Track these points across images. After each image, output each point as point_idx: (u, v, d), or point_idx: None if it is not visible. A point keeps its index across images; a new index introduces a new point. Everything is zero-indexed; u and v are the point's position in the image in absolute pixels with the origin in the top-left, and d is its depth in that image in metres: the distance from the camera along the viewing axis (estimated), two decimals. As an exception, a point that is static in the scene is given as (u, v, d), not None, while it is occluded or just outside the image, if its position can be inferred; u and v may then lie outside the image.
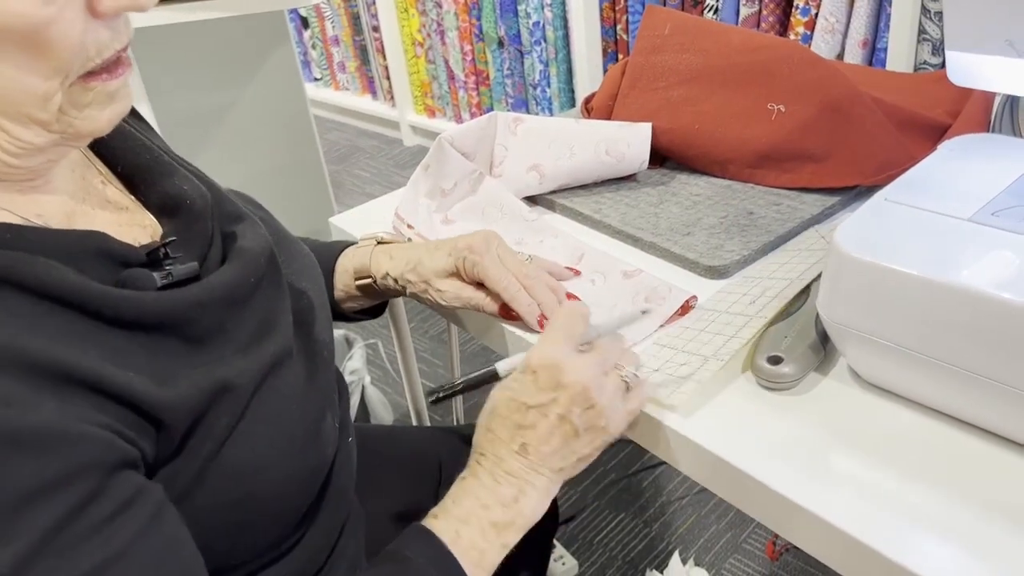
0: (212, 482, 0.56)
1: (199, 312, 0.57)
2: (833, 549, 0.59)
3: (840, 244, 0.62)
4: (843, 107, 0.93)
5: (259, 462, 0.58)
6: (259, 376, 0.59)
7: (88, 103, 0.52)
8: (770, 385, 0.68)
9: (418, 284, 0.82)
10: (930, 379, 0.61)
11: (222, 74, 1.87)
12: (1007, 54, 0.70)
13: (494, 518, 0.64)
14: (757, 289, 0.79)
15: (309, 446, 0.63)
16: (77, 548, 0.46)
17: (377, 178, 3.02)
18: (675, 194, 0.98)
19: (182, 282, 0.58)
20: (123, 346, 0.53)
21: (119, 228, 0.61)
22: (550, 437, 0.65)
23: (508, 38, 2.64)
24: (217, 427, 0.56)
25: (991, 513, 0.56)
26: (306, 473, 0.63)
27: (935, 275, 0.57)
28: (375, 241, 0.88)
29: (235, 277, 0.62)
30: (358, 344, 1.75)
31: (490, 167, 1.01)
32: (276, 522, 0.63)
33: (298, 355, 0.65)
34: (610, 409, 0.66)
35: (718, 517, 1.54)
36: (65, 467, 0.46)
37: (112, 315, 0.53)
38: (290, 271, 0.72)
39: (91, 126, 0.54)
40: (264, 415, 0.59)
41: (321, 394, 0.66)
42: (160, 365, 0.54)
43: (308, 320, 0.69)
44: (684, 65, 1.02)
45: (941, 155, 0.72)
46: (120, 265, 0.56)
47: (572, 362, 0.65)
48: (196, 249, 0.62)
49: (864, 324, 0.63)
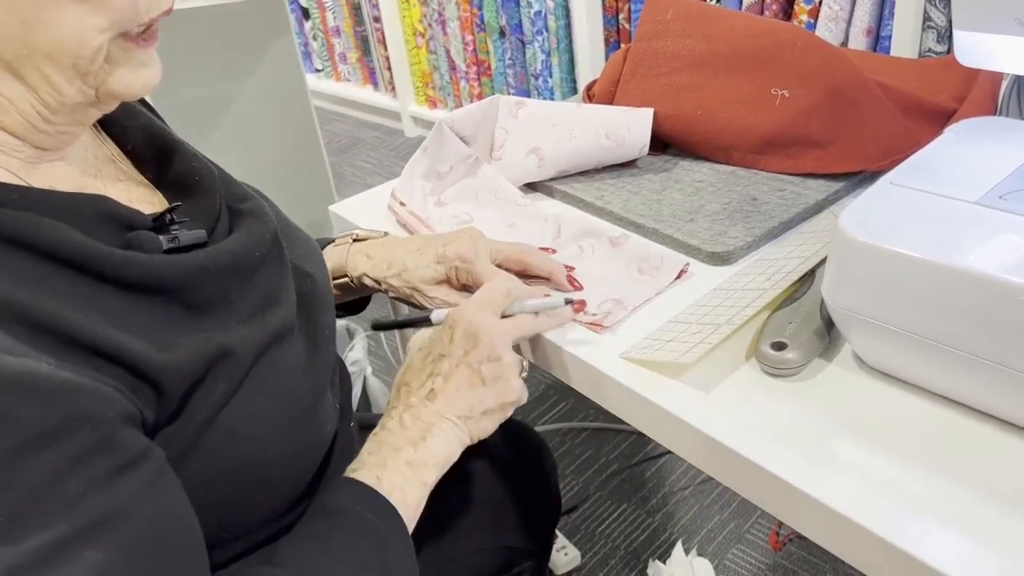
0: (208, 449, 0.56)
1: (203, 277, 0.58)
2: (836, 536, 0.58)
3: (845, 228, 0.62)
4: (848, 92, 0.92)
5: (256, 431, 0.59)
6: (260, 346, 0.60)
7: (123, 62, 0.54)
8: (774, 371, 0.68)
9: (403, 290, 0.83)
10: (936, 364, 0.61)
11: (222, 65, 1.87)
12: (1016, 33, 0.69)
13: (408, 458, 0.66)
14: (772, 268, 0.79)
15: (307, 421, 0.63)
16: (82, 499, 0.46)
17: (378, 169, 3.01)
18: (678, 181, 0.97)
19: (188, 248, 0.59)
20: (125, 308, 0.53)
21: (129, 202, 0.61)
22: (458, 384, 0.69)
23: (510, 28, 2.63)
24: (215, 393, 0.56)
25: (996, 499, 0.55)
26: (302, 448, 0.63)
27: (941, 259, 0.57)
28: (351, 239, 0.88)
29: (241, 248, 0.62)
30: (359, 335, 1.74)
31: (490, 150, 1.00)
32: (270, 495, 0.63)
33: (300, 333, 0.65)
34: (513, 368, 0.70)
35: (721, 507, 1.53)
36: (69, 415, 0.46)
37: (115, 276, 0.53)
38: (295, 255, 0.72)
39: (122, 88, 0.55)
40: (263, 386, 0.59)
41: (321, 373, 0.67)
42: (161, 329, 0.54)
43: (311, 302, 0.70)
44: (686, 51, 1.01)
45: (947, 139, 0.71)
46: (126, 229, 0.57)
47: (489, 321, 0.70)
48: (204, 221, 0.63)
49: (869, 309, 0.62)
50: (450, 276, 0.81)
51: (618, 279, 0.82)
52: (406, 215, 0.97)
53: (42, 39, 0.50)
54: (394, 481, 0.65)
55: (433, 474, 0.67)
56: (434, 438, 0.67)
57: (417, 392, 0.69)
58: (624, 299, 0.78)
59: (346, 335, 1.75)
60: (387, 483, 0.64)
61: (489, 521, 0.95)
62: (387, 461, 0.66)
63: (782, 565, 1.41)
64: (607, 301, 0.78)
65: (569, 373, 0.77)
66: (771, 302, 0.73)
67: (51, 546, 0.44)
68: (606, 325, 0.76)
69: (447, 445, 0.68)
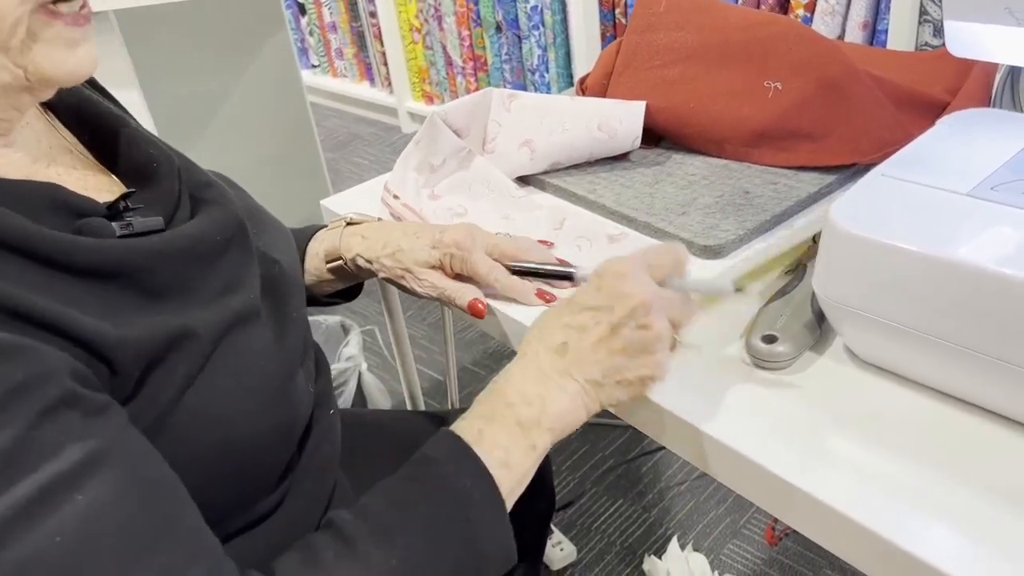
0: (174, 430, 0.55)
1: (159, 262, 0.57)
2: (829, 530, 0.58)
3: (835, 220, 0.61)
4: (840, 84, 0.91)
5: (223, 412, 0.58)
6: (222, 328, 0.59)
7: (50, 40, 0.53)
8: (765, 364, 0.67)
9: (394, 270, 0.82)
10: (928, 357, 0.60)
11: (216, 60, 1.86)
12: (1006, 23, 0.68)
13: (519, 416, 0.60)
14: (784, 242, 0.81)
15: (277, 402, 0.62)
16: (61, 446, 0.45)
17: (375, 165, 3.00)
18: (670, 174, 0.96)
19: (144, 234, 0.58)
20: (76, 294, 0.52)
21: (85, 191, 0.60)
22: (596, 344, 0.62)
23: (506, 23, 2.62)
24: (176, 374, 0.55)
25: (990, 493, 0.55)
26: (273, 429, 0.62)
27: (933, 250, 0.56)
28: (344, 222, 0.87)
29: (200, 233, 0.61)
30: (354, 331, 1.74)
31: (483, 143, 1.00)
32: (242, 479, 0.62)
33: (267, 318, 0.64)
34: (663, 340, 0.62)
35: (717, 502, 1.53)
36: (32, 372, 0.46)
37: (65, 261, 0.52)
38: (262, 242, 0.71)
39: (54, 68, 0.54)
40: (227, 367, 0.58)
41: (290, 355, 0.65)
42: (115, 311, 0.53)
43: (279, 287, 0.69)
44: (679, 43, 1.01)
45: (939, 130, 0.71)
46: (77, 216, 0.56)
47: (641, 278, 0.63)
48: (161, 208, 0.62)
49: (860, 302, 0.61)
50: (444, 262, 0.79)
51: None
52: (399, 208, 0.96)
53: None
54: (497, 439, 0.60)
55: (547, 439, 0.61)
56: (555, 399, 0.61)
57: (548, 340, 0.62)
58: None
59: (341, 331, 1.75)
60: (489, 440, 0.60)
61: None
62: (495, 415, 0.61)
63: (778, 560, 1.41)
64: None
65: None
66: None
67: (39, 493, 0.44)
68: None
69: (568, 410, 0.62)
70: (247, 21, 1.89)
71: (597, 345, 0.62)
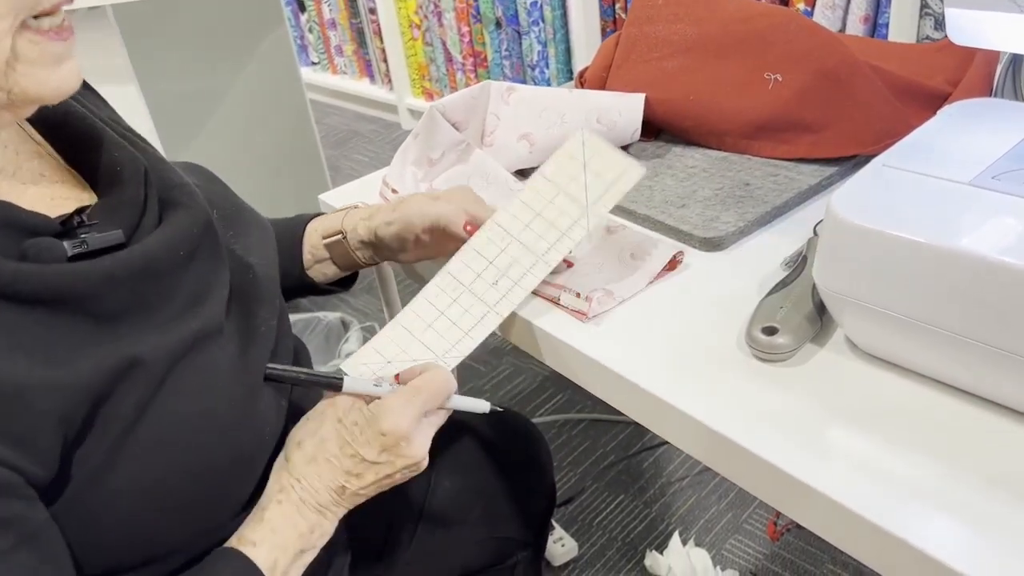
0: (127, 463, 0.54)
1: (110, 286, 0.55)
2: (831, 523, 0.57)
3: (837, 210, 0.61)
4: (841, 76, 0.91)
5: (178, 440, 0.56)
6: (178, 352, 0.57)
7: (34, 59, 0.51)
8: (765, 357, 0.67)
9: (391, 213, 0.81)
10: (930, 348, 0.60)
11: (214, 58, 1.85)
12: (1008, 10, 0.68)
13: (303, 545, 0.65)
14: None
15: (239, 426, 0.61)
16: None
17: (375, 162, 3.00)
18: (670, 167, 0.96)
19: (101, 251, 0.56)
20: (18, 322, 0.50)
21: (51, 202, 0.58)
22: (369, 486, 0.67)
23: (506, 18, 2.61)
24: (125, 405, 0.54)
25: (992, 485, 0.55)
26: (235, 453, 0.61)
27: (935, 240, 0.56)
28: (351, 207, 0.87)
29: (160, 247, 0.59)
30: (354, 327, 1.73)
31: (481, 136, 0.99)
32: (207, 504, 0.61)
33: (232, 331, 0.63)
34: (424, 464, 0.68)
35: (719, 498, 1.52)
36: None
37: (8, 291, 0.50)
38: (239, 244, 0.69)
39: (38, 88, 0.52)
40: (182, 392, 0.57)
41: (254, 371, 0.64)
42: (58, 343, 0.51)
43: (249, 297, 0.67)
44: (678, 35, 1.00)
45: (941, 120, 0.70)
46: (28, 235, 0.54)
47: (419, 438, 0.67)
48: (125, 217, 0.60)
49: (861, 292, 0.61)
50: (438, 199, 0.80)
51: (612, 268, 0.81)
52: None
53: None
54: (287, 568, 0.63)
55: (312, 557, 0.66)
56: (329, 524, 0.66)
57: (327, 482, 0.65)
58: (615, 290, 0.77)
59: (341, 327, 1.75)
60: (281, 569, 0.63)
61: (483, 512, 0.94)
62: (288, 545, 0.63)
63: (780, 555, 1.41)
64: (597, 290, 0.77)
65: (566, 363, 0.76)
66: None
67: None
68: (591, 315, 0.75)
69: (332, 528, 0.67)
70: (245, 18, 1.89)
71: (370, 487, 0.67)
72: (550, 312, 0.78)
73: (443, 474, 0.93)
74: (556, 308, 0.78)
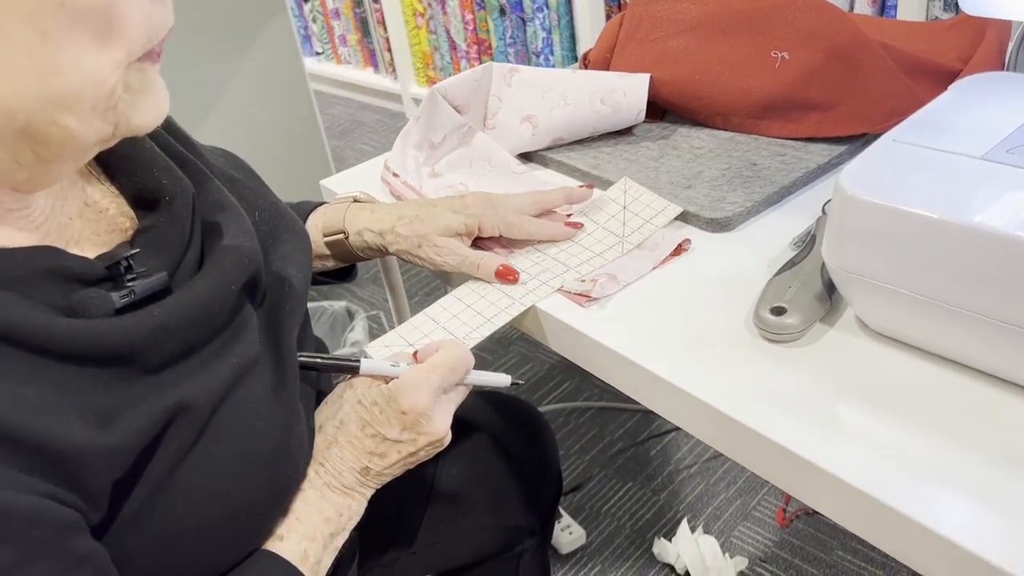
0: (164, 509, 0.52)
1: (161, 338, 0.53)
2: (843, 506, 0.56)
3: (846, 186, 0.59)
4: (849, 53, 0.89)
5: (217, 486, 0.55)
6: (221, 392, 0.55)
7: (139, 88, 0.49)
8: (774, 337, 0.65)
9: (410, 239, 0.79)
10: (942, 325, 0.58)
11: (217, 48, 1.84)
12: (1022, -23, 0.66)
13: (332, 529, 0.64)
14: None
15: (276, 464, 0.59)
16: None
17: (379, 152, 2.95)
18: (676, 147, 0.94)
19: (148, 298, 0.54)
20: (68, 380, 0.49)
21: (95, 237, 0.57)
22: (394, 466, 0.66)
23: (509, 5, 2.59)
24: (168, 451, 0.52)
25: (1007, 463, 0.53)
26: (273, 490, 0.60)
27: (947, 215, 0.54)
28: (351, 200, 0.85)
29: (211, 288, 0.57)
30: (360, 316, 1.73)
31: (483, 119, 0.98)
32: (247, 539, 0.59)
33: (267, 362, 0.61)
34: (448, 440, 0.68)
35: (727, 485, 1.51)
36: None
37: (57, 350, 0.48)
38: (276, 255, 0.67)
39: (142, 118, 0.50)
40: (224, 434, 0.55)
41: (290, 403, 0.61)
42: (108, 399, 0.50)
43: (281, 310, 0.64)
44: (683, 14, 0.99)
45: (952, 94, 0.69)
46: (76, 283, 0.52)
47: (440, 415, 0.66)
48: (169, 253, 0.58)
49: (872, 270, 0.60)
50: (469, 226, 0.79)
51: (616, 253, 0.79)
52: (399, 186, 0.95)
53: (57, 86, 0.45)
54: (319, 556, 0.63)
55: (344, 538, 0.66)
56: (357, 505, 0.66)
57: (351, 463, 0.65)
58: (619, 274, 0.76)
59: (346, 316, 1.74)
60: (312, 557, 0.62)
61: (490, 500, 0.94)
62: (316, 533, 0.63)
63: (789, 542, 1.40)
64: (601, 274, 0.76)
65: (572, 348, 0.75)
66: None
67: None
68: (595, 297, 0.74)
69: (362, 507, 0.67)
70: (248, 8, 1.88)
71: (394, 466, 0.67)
72: (556, 296, 0.76)
73: (449, 462, 0.92)
74: (562, 293, 0.76)
